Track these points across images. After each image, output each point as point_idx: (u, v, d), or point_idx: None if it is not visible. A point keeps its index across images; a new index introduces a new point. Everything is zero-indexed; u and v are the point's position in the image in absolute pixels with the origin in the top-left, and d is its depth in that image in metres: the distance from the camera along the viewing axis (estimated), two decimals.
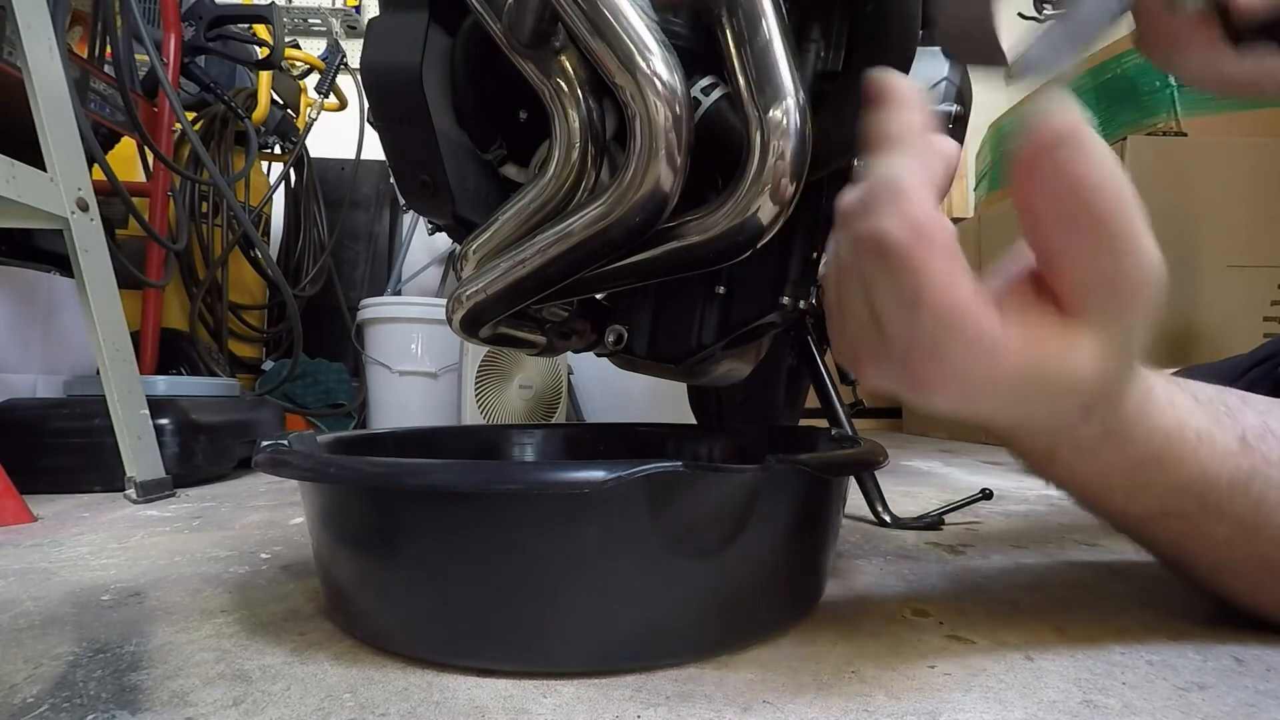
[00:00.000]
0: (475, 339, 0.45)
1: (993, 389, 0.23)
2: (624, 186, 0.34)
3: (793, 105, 0.33)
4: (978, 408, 0.25)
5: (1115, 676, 0.28)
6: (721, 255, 0.37)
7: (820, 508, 0.35)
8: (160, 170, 1.09)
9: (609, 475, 0.25)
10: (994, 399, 0.24)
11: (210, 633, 0.34)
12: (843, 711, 0.25)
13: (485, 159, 0.45)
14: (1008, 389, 0.24)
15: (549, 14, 0.34)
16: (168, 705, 0.26)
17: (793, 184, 0.34)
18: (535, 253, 0.38)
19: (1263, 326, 1.15)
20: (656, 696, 0.27)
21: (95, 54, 1.04)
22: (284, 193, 1.68)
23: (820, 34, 0.40)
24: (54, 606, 0.38)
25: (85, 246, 0.72)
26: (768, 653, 0.31)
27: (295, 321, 1.21)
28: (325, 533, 0.33)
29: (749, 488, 0.29)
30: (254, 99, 1.40)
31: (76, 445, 0.81)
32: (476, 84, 0.43)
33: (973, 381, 0.23)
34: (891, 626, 0.34)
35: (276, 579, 0.43)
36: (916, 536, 0.55)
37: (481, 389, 1.31)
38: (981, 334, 0.22)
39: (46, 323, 1.00)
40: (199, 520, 0.64)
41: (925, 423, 1.84)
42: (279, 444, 0.34)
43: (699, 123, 0.37)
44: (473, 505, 0.28)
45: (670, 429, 0.62)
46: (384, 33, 0.41)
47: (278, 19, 1.23)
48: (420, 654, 0.30)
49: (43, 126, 0.68)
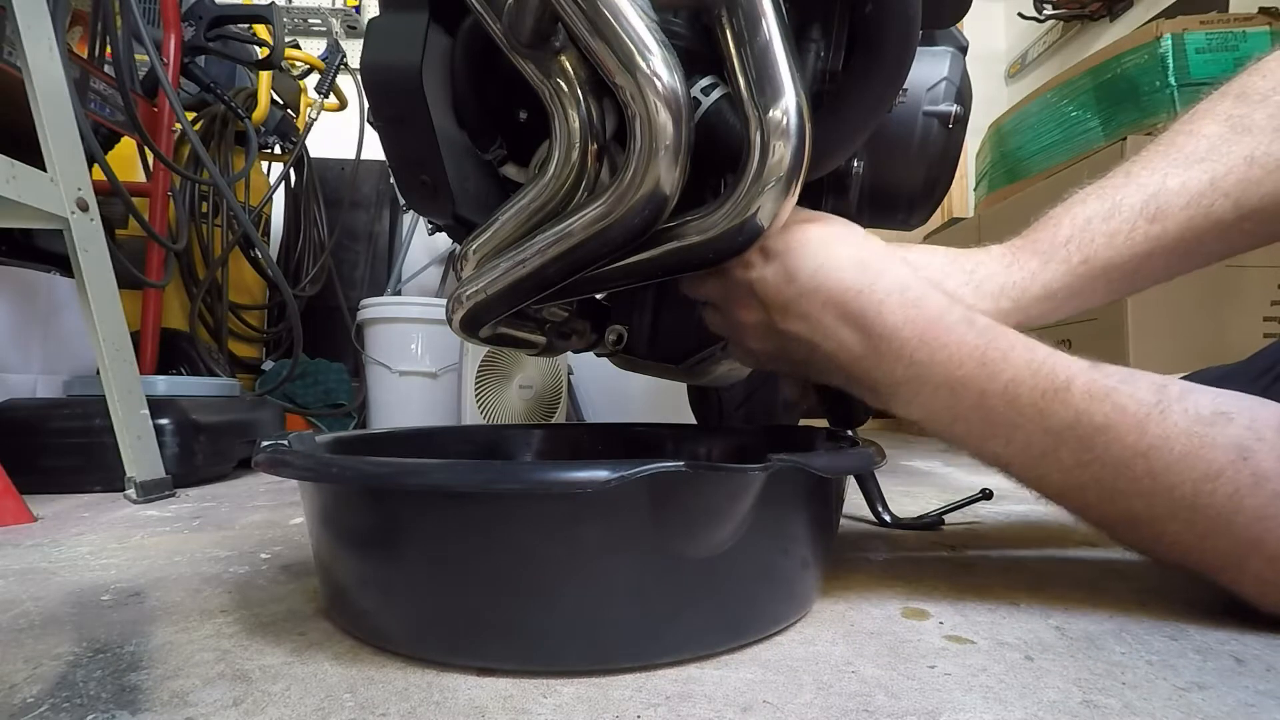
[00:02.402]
0: (475, 339, 0.45)
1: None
2: (624, 186, 0.34)
3: (793, 105, 0.33)
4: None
5: (1115, 676, 0.28)
6: (721, 255, 0.37)
7: (820, 507, 0.35)
8: (160, 170, 1.09)
9: (611, 475, 0.25)
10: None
11: (210, 633, 0.34)
12: (843, 711, 0.25)
13: (485, 159, 0.45)
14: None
15: (549, 14, 0.34)
16: (168, 705, 0.26)
17: (793, 184, 0.34)
18: (535, 253, 0.38)
19: (1263, 326, 1.15)
20: (656, 696, 0.27)
21: (95, 54, 1.04)
22: (284, 193, 1.68)
23: (820, 34, 0.40)
24: (54, 606, 0.38)
25: (85, 246, 0.72)
26: (768, 653, 0.31)
27: (295, 321, 1.21)
28: (325, 533, 0.33)
29: (750, 488, 0.29)
30: (254, 99, 1.40)
31: (76, 445, 0.81)
32: (476, 84, 0.43)
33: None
34: (891, 626, 0.34)
35: (276, 579, 0.43)
36: (916, 536, 0.55)
37: (481, 389, 1.31)
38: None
39: (46, 323, 1.00)
40: (199, 520, 0.64)
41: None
42: (279, 444, 0.34)
43: (699, 123, 0.37)
44: (474, 505, 0.28)
45: (670, 429, 0.62)
46: (384, 33, 0.41)
47: (278, 19, 1.23)
48: (420, 654, 0.30)
49: (43, 126, 0.68)
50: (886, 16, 0.37)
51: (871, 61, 0.39)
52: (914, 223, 0.58)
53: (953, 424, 0.36)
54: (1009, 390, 0.34)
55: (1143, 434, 0.32)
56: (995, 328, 0.35)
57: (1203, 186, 0.38)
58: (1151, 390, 0.33)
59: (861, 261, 0.37)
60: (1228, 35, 1.15)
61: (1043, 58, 2.43)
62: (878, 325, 0.36)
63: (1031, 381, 0.34)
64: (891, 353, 0.36)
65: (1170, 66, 1.16)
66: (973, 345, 0.34)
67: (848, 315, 0.36)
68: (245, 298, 1.55)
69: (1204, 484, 0.31)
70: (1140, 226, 0.39)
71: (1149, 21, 1.27)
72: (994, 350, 0.34)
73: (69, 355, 1.03)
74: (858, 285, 0.36)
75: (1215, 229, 0.38)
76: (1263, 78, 0.39)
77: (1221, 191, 0.38)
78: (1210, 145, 0.39)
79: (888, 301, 0.36)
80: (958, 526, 0.59)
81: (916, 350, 0.35)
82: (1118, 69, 1.26)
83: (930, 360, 0.35)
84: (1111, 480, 0.33)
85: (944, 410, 0.36)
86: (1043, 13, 2.24)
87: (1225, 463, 0.31)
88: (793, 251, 0.38)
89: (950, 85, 0.51)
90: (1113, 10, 2.11)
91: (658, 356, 0.56)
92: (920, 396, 0.36)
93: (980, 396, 0.34)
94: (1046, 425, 0.33)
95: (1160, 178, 0.39)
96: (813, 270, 0.37)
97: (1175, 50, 1.16)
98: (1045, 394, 0.33)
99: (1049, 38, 2.39)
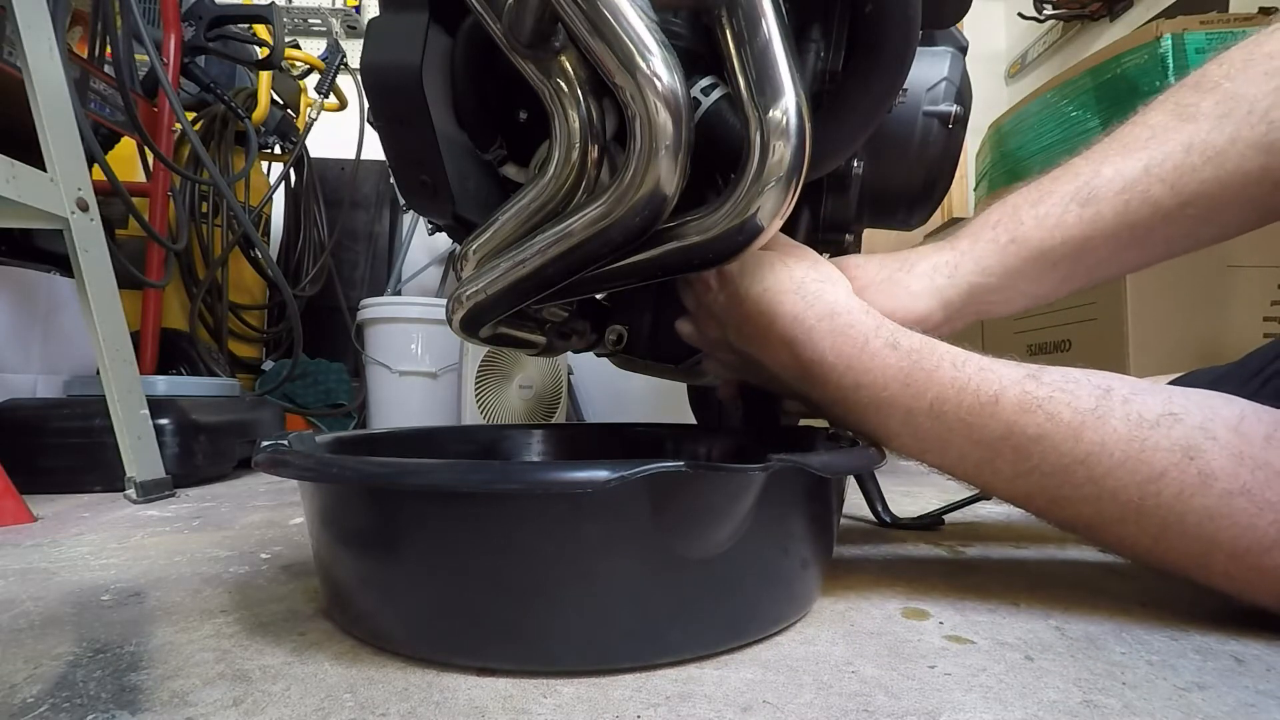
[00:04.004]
0: (475, 339, 0.45)
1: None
2: (624, 187, 0.34)
3: (793, 105, 0.33)
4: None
5: (1115, 676, 0.28)
6: (721, 255, 0.37)
7: (820, 507, 0.35)
8: (160, 170, 1.09)
9: (612, 475, 0.25)
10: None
11: (210, 633, 0.34)
12: (843, 711, 0.25)
13: (485, 159, 0.45)
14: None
15: (549, 14, 0.34)
16: (168, 705, 0.26)
17: (793, 184, 0.34)
18: (535, 253, 0.38)
19: (1263, 326, 1.15)
20: (656, 696, 0.27)
21: (95, 54, 1.04)
22: (284, 193, 1.68)
23: (820, 34, 0.40)
24: (54, 606, 0.38)
25: (85, 246, 0.72)
26: (768, 653, 0.31)
27: (295, 321, 1.22)
28: (325, 533, 0.33)
29: (750, 487, 0.29)
30: (254, 99, 1.40)
31: (76, 445, 0.81)
32: (476, 84, 0.43)
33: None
34: (891, 626, 0.34)
35: (276, 579, 0.43)
36: (916, 536, 0.55)
37: (481, 389, 1.31)
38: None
39: (46, 323, 1.00)
40: (199, 520, 0.64)
41: None
42: (279, 444, 0.34)
43: (699, 123, 0.37)
44: (474, 505, 0.28)
45: (669, 429, 0.62)
46: (384, 33, 0.41)
47: (278, 19, 1.23)
48: (420, 654, 0.30)
49: (43, 126, 0.68)
50: (886, 17, 0.37)
51: (871, 62, 0.39)
52: (914, 223, 0.58)
53: (889, 439, 0.38)
54: (934, 408, 0.35)
55: (1078, 441, 0.32)
56: (923, 348, 0.36)
57: (1137, 173, 0.38)
58: (1091, 396, 0.33)
59: (799, 286, 0.39)
60: (1228, 35, 1.15)
61: (1043, 58, 2.43)
62: (807, 351, 0.38)
63: (957, 399, 0.35)
64: (821, 377, 0.38)
65: (1170, 66, 1.15)
66: (896, 368, 0.36)
67: (784, 340, 0.39)
68: (245, 298, 1.55)
69: (1148, 486, 0.31)
70: (1072, 210, 0.40)
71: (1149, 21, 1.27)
72: (918, 371, 0.36)
73: (69, 355, 1.03)
74: (793, 311, 0.39)
75: (1156, 214, 0.38)
76: (1219, 65, 0.39)
77: (1157, 177, 0.38)
78: (1152, 134, 0.39)
79: (818, 328, 0.38)
80: (958, 526, 0.59)
81: (843, 376, 0.37)
82: (1118, 69, 1.26)
83: (856, 384, 0.37)
84: (1055, 488, 0.34)
85: (877, 427, 0.38)
86: (1043, 13, 2.24)
87: (1168, 464, 0.31)
88: (744, 275, 0.40)
89: (950, 85, 0.51)
90: (1113, 10, 2.11)
91: (657, 356, 0.56)
92: (852, 415, 0.39)
93: (907, 414, 0.36)
94: (977, 438, 0.35)
95: (1096, 166, 0.40)
96: (757, 294, 0.40)
97: (1175, 50, 1.15)
98: (972, 409, 0.34)
99: (1049, 38, 2.39)
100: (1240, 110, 0.36)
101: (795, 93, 0.33)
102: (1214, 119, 0.37)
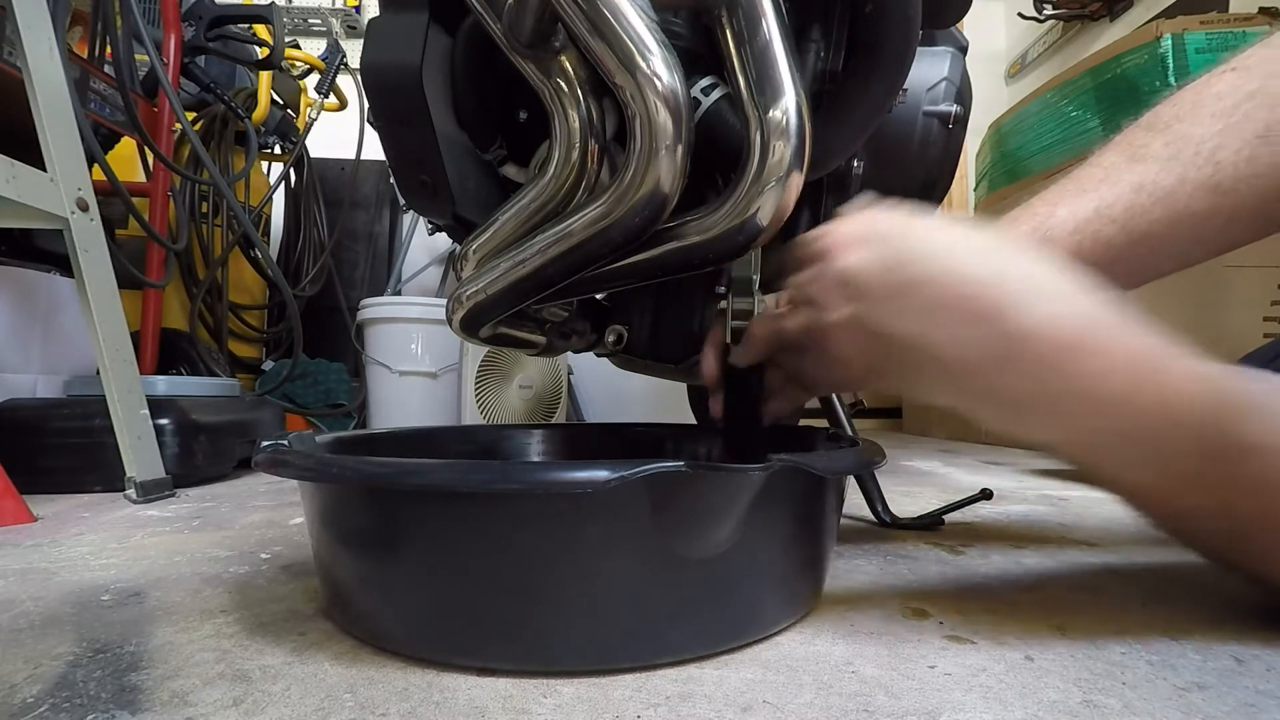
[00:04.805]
0: (475, 339, 0.45)
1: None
2: (624, 186, 0.34)
3: (793, 105, 0.33)
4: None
5: (1115, 676, 0.28)
6: (721, 255, 0.37)
7: (820, 507, 0.35)
8: (160, 170, 1.09)
9: (612, 475, 0.25)
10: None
11: (210, 633, 0.34)
12: (843, 711, 0.25)
13: (485, 159, 0.45)
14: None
15: (549, 14, 0.34)
16: (168, 705, 0.26)
17: (793, 184, 0.34)
18: (535, 253, 0.38)
19: (1263, 326, 1.15)
20: (656, 696, 0.27)
21: (95, 54, 1.04)
22: (284, 193, 1.68)
23: (820, 34, 0.40)
24: (54, 606, 0.38)
25: (85, 246, 0.72)
26: (768, 653, 0.31)
27: (295, 321, 1.21)
28: (325, 533, 0.33)
29: (750, 488, 0.29)
30: (254, 99, 1.40)
31: (76, 445, 0.81)
32: (476, 84, 0.43)
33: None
34: (891, 626, 0.34)
35: (276, 579, 0.43)
36: (916, 536, 0.55)
37: (481, 389, 1.31)
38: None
39: (46, 323, 1.00)
40: (199, 520, 0.64)
41: (925, 423, 1.84)
42: (279, 444, 0.34)
43: (699, 123, 0.37)
44: (474, 505, 0.28)
45: (669, 429, 0.62)
46: (384, 33, 0.41)
47: (278, 19, 1.23)
48: (420, 654, 0.30)
49: (43, 126, 0.68)
50: (886, 17, 0.37)
51: (871, 62, 0.39)
52: None
53: (1095, 449, 0.31)
54: (1167, 407, 0.29)
55: None
56: (1151, 332, 0.30)
57: (1088, 214, 0.38)
58: None
59: (982, 248, 0.31)
60: (1228, 35, 1.15)
61: (1043, 58, 2.43)
62: (1013, 326, 0.29)
63: (1199, 398, 0.28)
64: (1031, 359, 0.29)
65: (1170, 66, 1.15)
66: (1128, 353, 0.29)
67: (972, 313, 0.30)
68: (245, 298, 1.55)
69: None
70: None
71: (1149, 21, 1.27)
72: (1157, 359, 0.29)
73: (69, 355, 1.03)
74: (982, 277, 0.30)
75: (1109, 252, 0.38)
76: (1171, 106, 0.39)
77: (1108, 218, 0.38)
78: (1104, 174, 0.39)
79: (1024, 297, 0.30)
80: (958, 526, 0.59)
81: (1065, 359, 0.29)
82: (1118, 69, 1.26)
83: (1079, 372, 0.29)
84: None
85: (1087, 432, 0.31)
86: (1043, 13, 2.24)
87: None
88: (894, 235, 0.32)
89: (950, 85, 0.51)
90: (1113, 10, 2.11)
91: (658, 356, 0.56)
92: (1056, 415, 0.31)
93: (1137, 415, 0.29)
94: (1207, 450, 0.29)
95: (1051, 207, 0.40)
96: (922, 256, 0.31)
97: (1175, 50, 1.15)
98: (1214, 410, 0.28)
99: (1049, 38, 2.38)
100: (1188, 152, 0.37)
101: (795, 93, 0.33)
102: (1163, 160, 0.37)
